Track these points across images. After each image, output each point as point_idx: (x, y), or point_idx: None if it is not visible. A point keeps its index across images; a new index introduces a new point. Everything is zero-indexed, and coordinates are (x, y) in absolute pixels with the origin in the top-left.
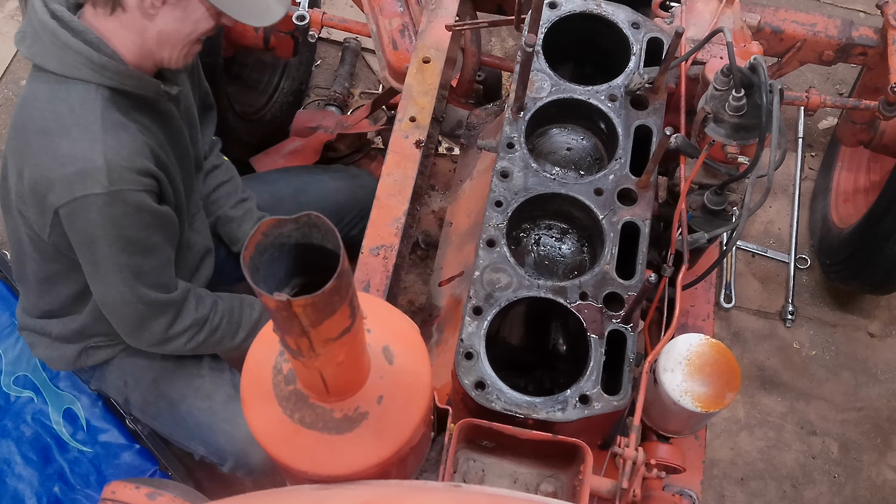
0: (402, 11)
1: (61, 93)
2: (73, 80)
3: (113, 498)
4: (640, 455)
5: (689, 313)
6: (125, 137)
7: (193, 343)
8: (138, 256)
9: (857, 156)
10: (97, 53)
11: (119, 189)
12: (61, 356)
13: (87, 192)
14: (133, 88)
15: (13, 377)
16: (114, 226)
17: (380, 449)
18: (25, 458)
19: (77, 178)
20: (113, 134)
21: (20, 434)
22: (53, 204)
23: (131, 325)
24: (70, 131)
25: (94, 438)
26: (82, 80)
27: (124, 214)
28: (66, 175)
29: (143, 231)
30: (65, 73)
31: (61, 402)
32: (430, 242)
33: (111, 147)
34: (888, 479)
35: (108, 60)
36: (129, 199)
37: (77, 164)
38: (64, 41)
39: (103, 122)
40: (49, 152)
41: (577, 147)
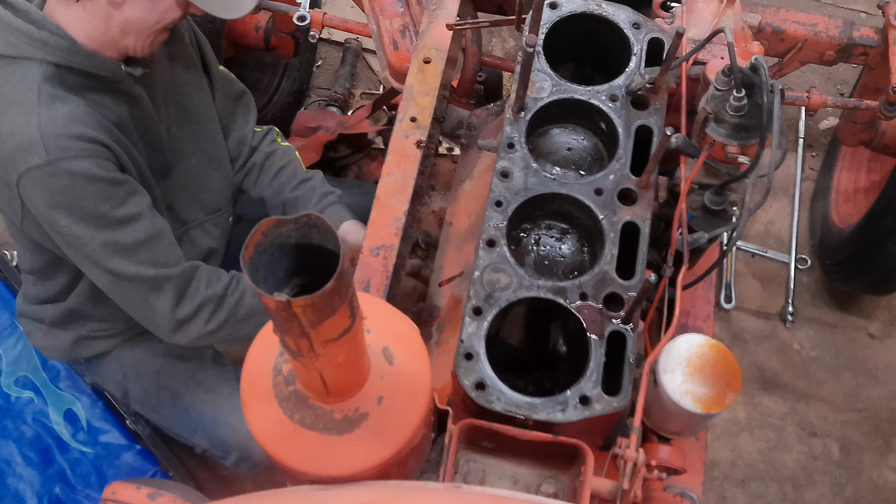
0: (403, 12)
1: (7, 73)
2: (18, 60)
3: (113, 498)
4: (641, 456)
5: (689, 314)
6: (61, 108)
7: (214, 323)
8: (108, 231)
9: (857, 156)
10: (37, 30)
11: (58, 157)
12: (56, 345)
13: (28, 166)
14: (81, 66)
15: (14, 378)
16: (63, 197)
17: (380, 450)
18: (26, 459)
19: (17, 153)
20: (48, 105)
21: (21, 434)
22: (12, 184)
23: (137, 308)
24: (9, 109)
25: (95, 439)
26: (26, 57)
27: (73, 185)
28: (8, 152)
29: (105, 203)
30: (10, 53)
31: (62, 402)
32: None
33: (45, 117)
34: (889, 481)
35: (49, 36)
36: (72, 168)
37: (15, 140)
38: (7, 21)
39: (39, 94)
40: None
41: (577, 147)
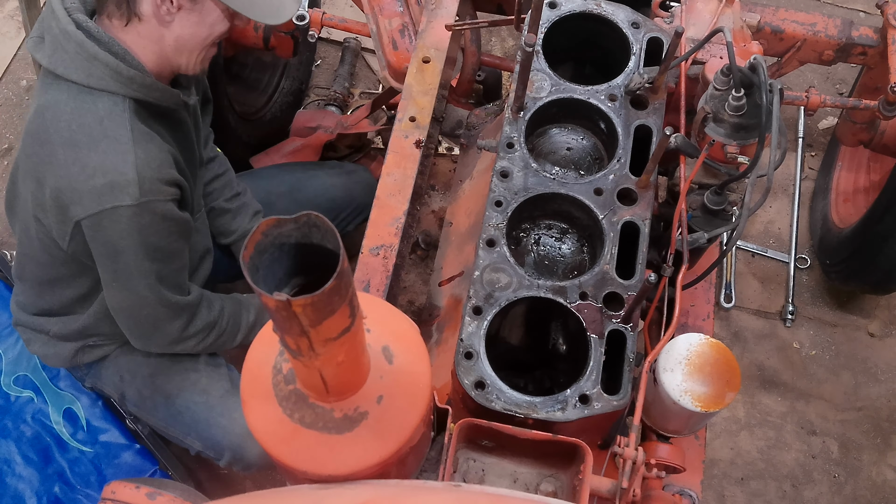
0: (402, 11)
1: (87, 104)
2: (98, 92)
3: (113, 498)
4: (640, 455)
5: (688, 313)
6: (153, 149)
7: (203, 345)
8: (161, 262)
9: (857, 155)
10: (125, 66)
11: (149, 200)
12: (58, 353)
13: (116, 204)
14: (156, 100)
15: (13, 377)
16: (140, 235)
17: (380, 449)
18: (26, 458)
19: (107, 189)
20: (143, 146)
21: (20, 434)
22: (78, 215)
23: (146, 327)
24: (99, 143)
25: (95, 438)
26: (108, 91)
27: (151, 224)
28: (95, 187)
29: (167, 238)
30: (91, 85)
31: (61, 401)
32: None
33: (141, 159)
34: (888, 479)
35: (136, 73)
36: (157, 209)
37: (108, 176)
38: (92, 53)
39: (133, 133)
40: (77, 164)
41: (576, 147)
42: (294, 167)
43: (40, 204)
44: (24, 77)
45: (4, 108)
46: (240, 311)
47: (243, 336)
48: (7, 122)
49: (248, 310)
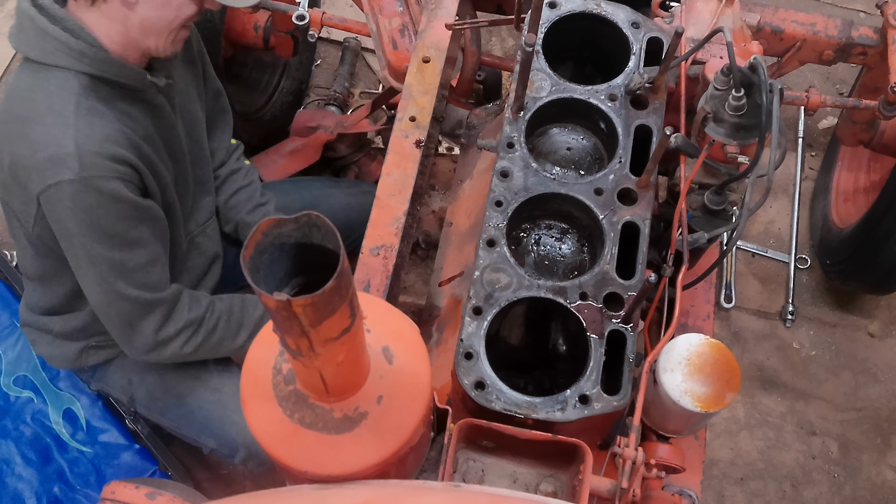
0: (402, 11)
1: (41, 80)
2: (52, 68)
3: (112, 498)
4: (640, 455)
5: (689, 313)
6: (98, 123)
7: (190, 346)
8: (118, 251)
9: (857, 155)
10: (75, 40)
11: (90, 175)
12: (62, 354)
13: (58, 179)
14: (114, 76)
15: (13, 377)
16: (86, 214)
17: (379, 449)
18: (25, 458)
19: (49, 164)
20: (85, 119)
21: (20, 434)
22: (33, 192)
23: (120, 326)
24: (44, 117)
25: (94, 438)
26: (61, 66)
27: (98, 203)
28: (38, 161)
29: (122, 223)
30: (45, 61)
31: (61, 402)
32: (430, 242)
33: (82, 132)
34: (888, 479)
35: (87, 47)
36: (101, 187)
37: (49, 150)
38: (42, 27)
39: (77, 107)
40: (24, 138)
41: (577, 147)
42: (310, 184)
43: (5, 185)
44: None
45: None
46: (241, 307)
47: (248, 333)
48: None
49: (256, 305)
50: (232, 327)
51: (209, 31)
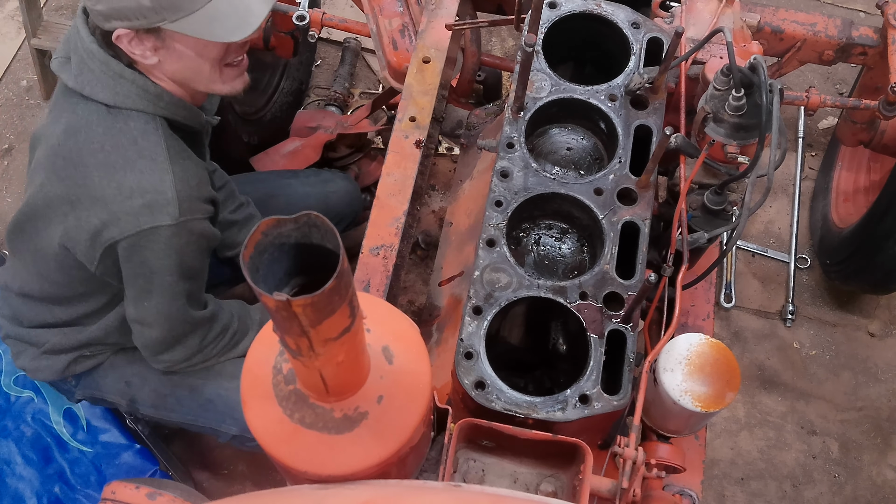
0: (402, 11)
1: (119, 123)
2: (127, 111)
3: (113, 498)
4: (641, 455)
5: (689, 313)
6: (190, 166)
7: (216, 349)
8: (192, 280)
9: (857, 155)
10: (152, 83)
11: (187, 219)
12: (49, 366)
13: (155, 224)
14: (184, 119)
15: (13, 377)
16: (178, 255)
17: (380, 449)
18: (26, 458)
19: (146, 210)
20: (179, 164)
21: (20, 434)
22: (113, 237)
23: (168, 342)
24: (136, 163)
25: (95, 438)
26: (137, 110)
27: (188, 243)
28: (133, 208)
29: (200, 256)
30: (118, 104)
31: (61, 402)
32: (430, 242)
33: (179, 177)
34: (888, 479)
35: (163, 91)
36: (195, 228)
37: (146, 197)
38: (117, 71)
39: (168, 152)
40: (113, 185)
41: (577, 147)
42: (268, 176)
43: (69, 231)
44: (25, 77)
45: (4, 108)
46: (246, 312)
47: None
48: (7, 122)
49: (254, 308)
50: (243, 329)
51: None
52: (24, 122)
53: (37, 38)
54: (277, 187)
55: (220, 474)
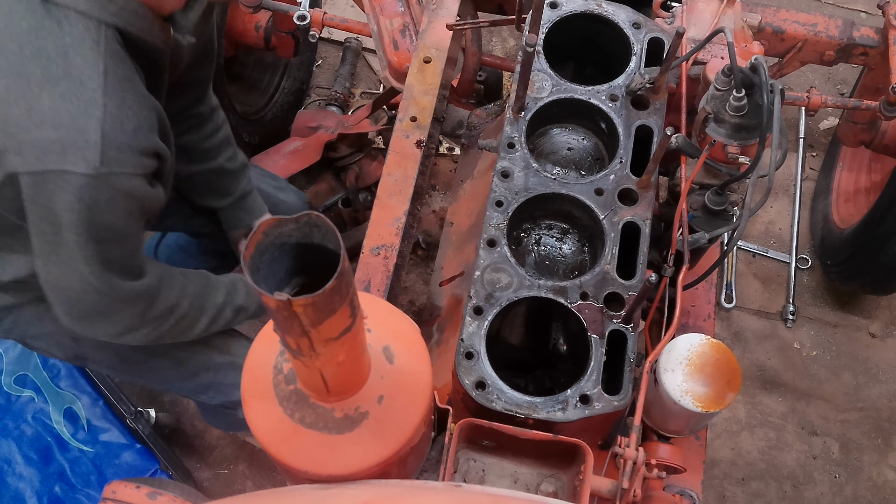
0: (403, 11)
1: (49, 23)
2: (65, 10)
3: (113, 498)
4: (641, 455)
5: (689, 313)
6: (131, 103)
7: (156, 333)
8: (110, 244)
9: (858, 156)
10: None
11: (111, 171)
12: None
13: (66, 168)
14: (141, 32)
15: (14, 376)
16: (90, 212)
17: (380, 449)
18: (26, 458)
19: (55, 147)
20: (117, 97)
21: (21, 433)
22: (15, 167)
23: (92, 315)
24: (57, 82)
25: (95, 438)
26: (78, 11)
27: (108, 200)
28: (40, 139)
29: (124, 219)
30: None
31: (62, 401)
32: (431, 242)
33: (112, 116)
34: (889, 480)
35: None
36: (119, 184)
37: (59, 131)
38: None
39: (106, 77)
40: (21, 103)
41: (577, 147)
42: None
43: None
44: None
45: None
46: (206, 292)
47: (208, 321)
48: None
49: (217, 288)
50: (195, 314)
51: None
52: None
53: None
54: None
55: (220, 474)
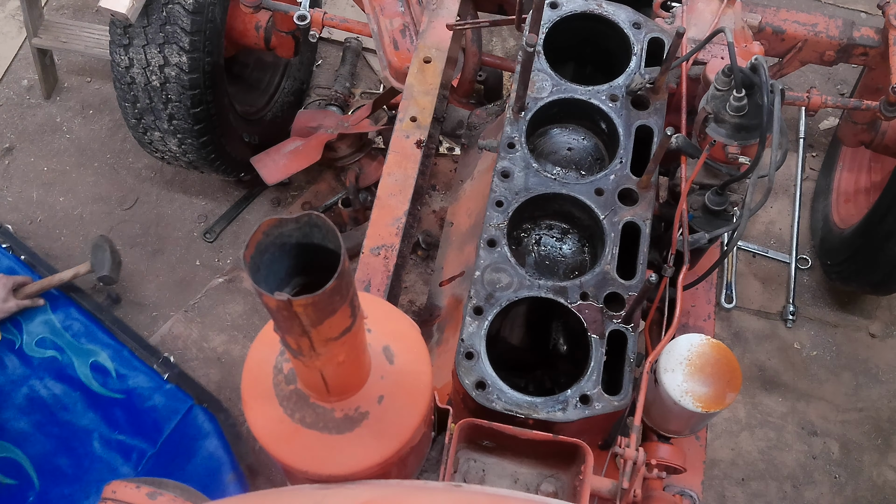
0: (404, 11)
1: None
2: None
3: (113, 497)
4: (641, 455)
5: (689, 313)
6: None
7: None
8: None
9: (858, 156)
10: None
11: None
12: None
13: None
14: None
15: (35, 339)
16: None
17: (380, 449)
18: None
19: None
20: None
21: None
22: None
23: None
24: None
25: (125, 384)
26: None
27: None
28: None
29: None
30: None
31: (87, 355)
32: (431, 242)
33: None
34: (889, 480)
35: None
36: None
37: None
38: None
39: None
40: None
41: (577, 147)
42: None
43: None
44: (26, 77)
45: (6, 108)
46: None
47: None
48: (8, 122)
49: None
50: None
51: (210, 31)
52: (25, 121)
53: (38, 37)
54: None
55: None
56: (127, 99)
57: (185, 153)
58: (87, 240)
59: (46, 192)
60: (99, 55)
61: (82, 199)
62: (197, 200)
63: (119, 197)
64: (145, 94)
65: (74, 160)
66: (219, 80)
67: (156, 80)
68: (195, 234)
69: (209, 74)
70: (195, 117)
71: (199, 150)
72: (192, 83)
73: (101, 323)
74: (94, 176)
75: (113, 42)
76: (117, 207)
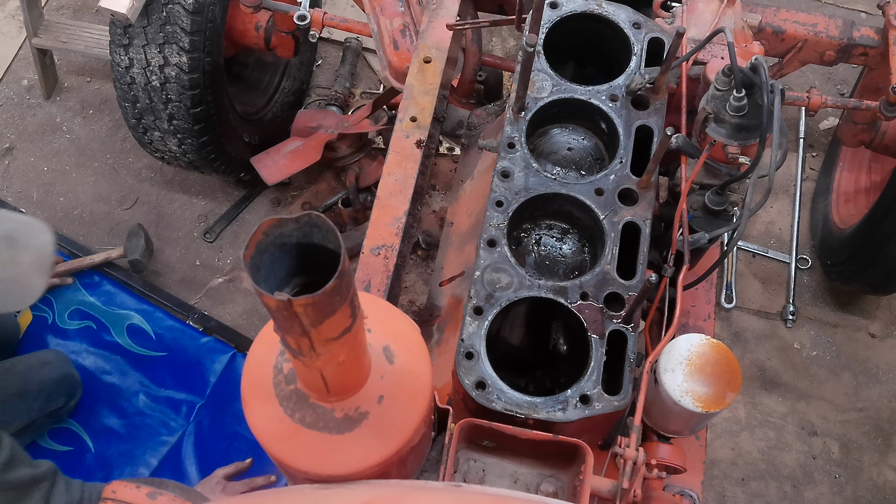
0: (403, 11)
1: None
2: None
3: (114, 497)
4: (641, 455)
5: (689, 313)
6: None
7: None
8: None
9: (858, 156)
10: None
11: None
12: None
13: None
14: None
15: (67, 312)
16: None
17: (380, 449)
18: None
19: None
20: None
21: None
22: None
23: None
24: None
25: (164, 343)
26: None
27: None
28: None
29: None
30: None
31: (122, 320)
32: (431, 242)
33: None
34: (889, 480)
35: None
36: None
37: None
38: None
39: None
40: None
41: (578, 147)
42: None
43: None
44: (26, 77)
45: (6, 108)
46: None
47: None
48: (8, 122)
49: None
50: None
51: (210, 31)
52: (25, 121)
53: (38, 37)
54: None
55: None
56: (127, 99)
57: (185, 153)
58: (87, 239)
59: (46, 192)
60: (99, 55)
61: (82, 199)
62: (197, 200)
63: (119, 197)
64: (145, 93)
65: (74, 160)
66: (219, 80)
67: (156, 80)
68: (195, 234)
69: (209, 74)
70: (195, 117)
71: (199, 150)
72: (192, 83)
73: (130, 289)
74: (94, 176)
75: (113, 42)
76: (117, 207)
